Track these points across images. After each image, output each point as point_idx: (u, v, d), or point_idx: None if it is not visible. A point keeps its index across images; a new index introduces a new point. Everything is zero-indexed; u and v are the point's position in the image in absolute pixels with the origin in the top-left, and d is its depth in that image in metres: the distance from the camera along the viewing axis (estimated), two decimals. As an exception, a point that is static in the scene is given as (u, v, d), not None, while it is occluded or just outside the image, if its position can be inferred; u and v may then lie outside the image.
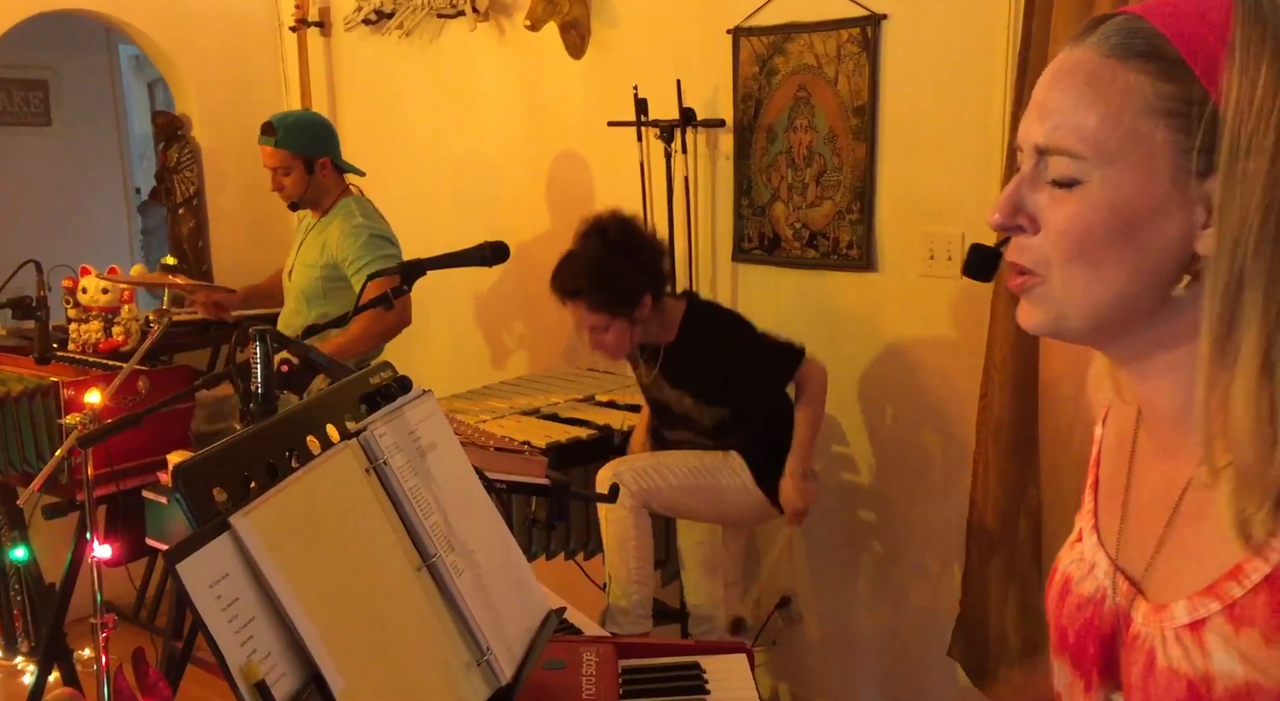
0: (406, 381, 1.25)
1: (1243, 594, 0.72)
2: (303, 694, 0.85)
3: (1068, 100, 0.74)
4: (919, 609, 2.74)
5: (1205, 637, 0.73)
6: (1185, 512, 0.79)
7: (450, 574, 1.09)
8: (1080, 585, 0.87)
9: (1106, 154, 0.72)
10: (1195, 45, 0.70)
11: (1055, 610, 0.89)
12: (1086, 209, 0.73)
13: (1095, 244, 0.73)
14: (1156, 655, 0.76)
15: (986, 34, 2.39)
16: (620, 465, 2.37)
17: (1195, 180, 0.71)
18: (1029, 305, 0.78)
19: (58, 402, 2.64)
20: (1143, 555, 0.82)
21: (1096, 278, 0.74)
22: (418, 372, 1.79)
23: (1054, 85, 0.75)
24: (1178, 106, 0.70)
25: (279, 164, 2.90)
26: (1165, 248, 0.73)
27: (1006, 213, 0.77)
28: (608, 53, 3.14)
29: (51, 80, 5.43)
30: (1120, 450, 0.89)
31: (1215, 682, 0.72)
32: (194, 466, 0.91)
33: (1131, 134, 0.71)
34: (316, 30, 3.92)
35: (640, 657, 1.39)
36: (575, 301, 2.32)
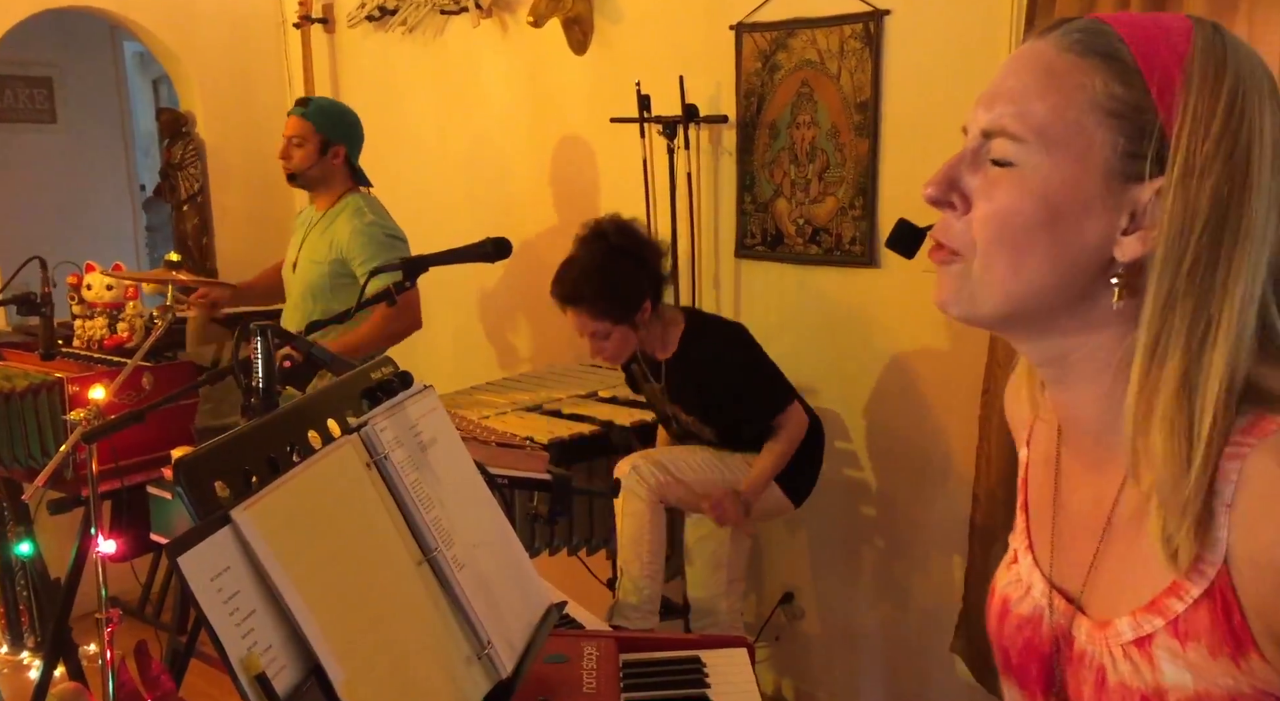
0: (408, 376, 1.25)
1: (1184, 609, 0.73)
2: (303, 686, 0.85)
3: (1021, 85, 0.75)
4: (921, 604, 2.74)
5: (1154, 652, 0.74)
6: (1117, 527, 0.79)
7: (451, 568, 1.09)
8: (1019, 606, 0.88)
9: (1047, 141, 0.73)
10: (1153, 58, 0.72)
11: (996, 631, 0.90)
12: (1018, 193, 0.74)
13: (1019, 230, 0.74)
14: (1107, 672, 0.77)
15: (989, 30, 2.38)
16: (637, 458, 2.38)
17: (1124, 185, 0.73)
18: (945, 280, 0.79)
19: (62, 398, 2.65)
20: (1078, 572, 0.82)
21: (1015, 266, 0.75)
22: (421, 368, 1.80)
23: (1009, 72, 0.77)
24: (1124, 110, 0.72)
25: (297, 133, 2.93)
26: (1085, 246, 0.74)
27: (941, 187, 0.78)
28: (611, 49, 3.14)
29: (56, 77, 5.43)
30: (1045, 469, 0.89)
31: (1168, 695, 0.73)
32: (195, 460, 0.91)
33: (1075, 127, 0.73)
34: (320, 27, 3.92)
35: (641, 652, 1.40)
36: (577, 308, 2.31)
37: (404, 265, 2.11)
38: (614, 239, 2.33)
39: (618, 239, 2.33)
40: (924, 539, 2.70)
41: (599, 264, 2.29)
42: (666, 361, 2.42)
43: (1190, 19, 0.74)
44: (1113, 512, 0.79)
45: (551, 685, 1.24)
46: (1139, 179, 0.72)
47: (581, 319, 2.32)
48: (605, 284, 2.28)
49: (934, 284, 0.80)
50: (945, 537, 2.64)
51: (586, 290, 2.28)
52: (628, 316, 2.31)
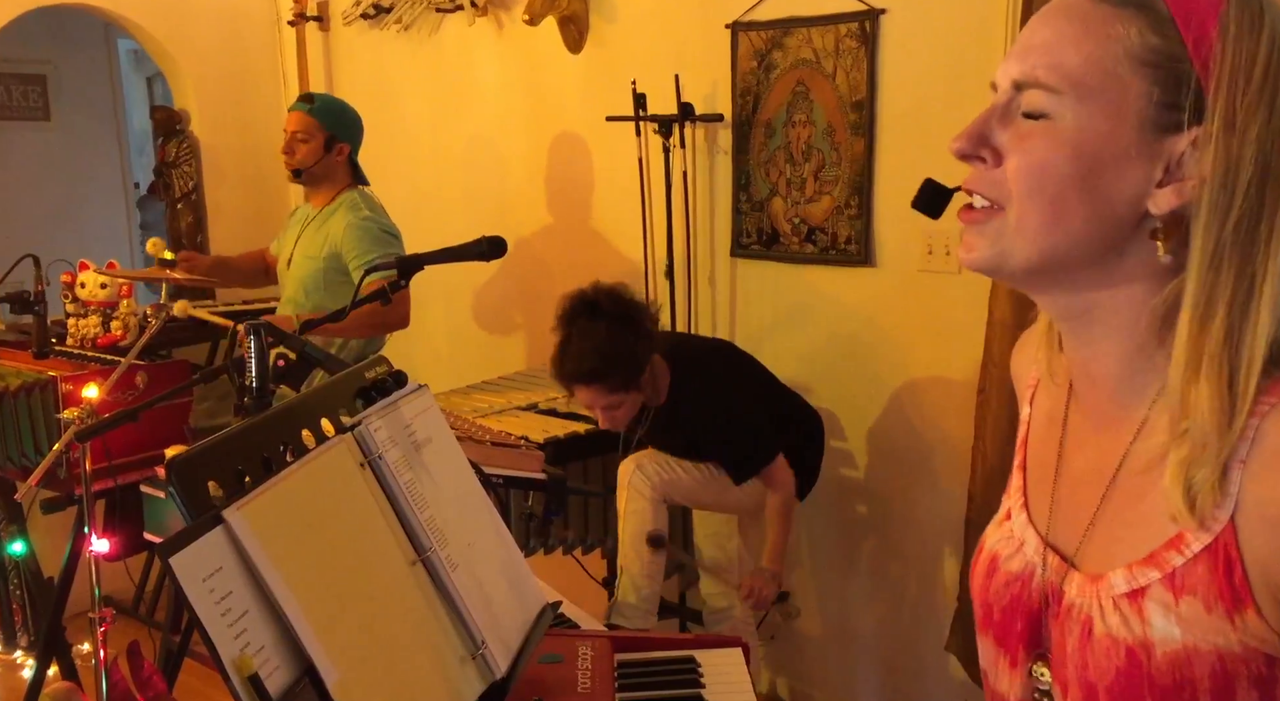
0: (402, 376, 1.25)
1: (1183, 562, 0.73)
2: (296, 687, 0.85)
3: (1054, 36, 0.75)
4: (917, 603, 2.74)
5: (1145, 605, 0.74)
6: (1122, 485, 0.79)
7: (445, 568, 1.09)
8: (1008, 563, 0.88)
9: (1082, 92, 0.73)
10: (1189, 8, 0.71)
11: (981, 587, 0.90)
12: (1052, 145, 0.73)
13: (1055, 181, 0.73)
14: (1094, 623, 0.77)
15: (984, 28, 2.38)
16: (642, 457, 2.38)
17: (1160, 136, 0.72)
18: (975, 238, 0.78)
19: (56, 397, 2.64)
20: (1075, 530, 0.83)
21: (1051, 218, 0.74)
22: (416, 367, 1.80)
23: (1043, 24, 0.76)
24: (1160, 60, 0.71)
25: (302, 129, 2.92)
26: (1120, 199, 0.73)
27: (972, 141, 0.77)
28: (606, 47, 3.13)
29: (50, 75, 5.42)
30: (1050, 428, 0.89)
31: (1154, 648, 0.73)
32: (188, 460, 0.91)
33: (1110, 78, 0.72)
34: (315, 25, 3.91)
35: (636, 651, 1.40)
36: (590, 386, 2.24)
37: (399, 264, 2.10)
38: (609, 310, 2.26)
39: (611, 308, 2.27)
40: (919, 537, 2.71)
41: (602, 340, 2.22)
42: (656, 410, 2.40)
43: None
44: (1119, 470, 0.79)
45: (546, 685, 1.24)
46: (1175, 130, 0.72)
47: (594, 396, 2.26)
48: (616, 360, 2.22)
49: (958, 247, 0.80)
50: (940, 536, 2.64)
51: (600, 366, 2.22)
52: (637, 384, 2.27)
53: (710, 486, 2.40)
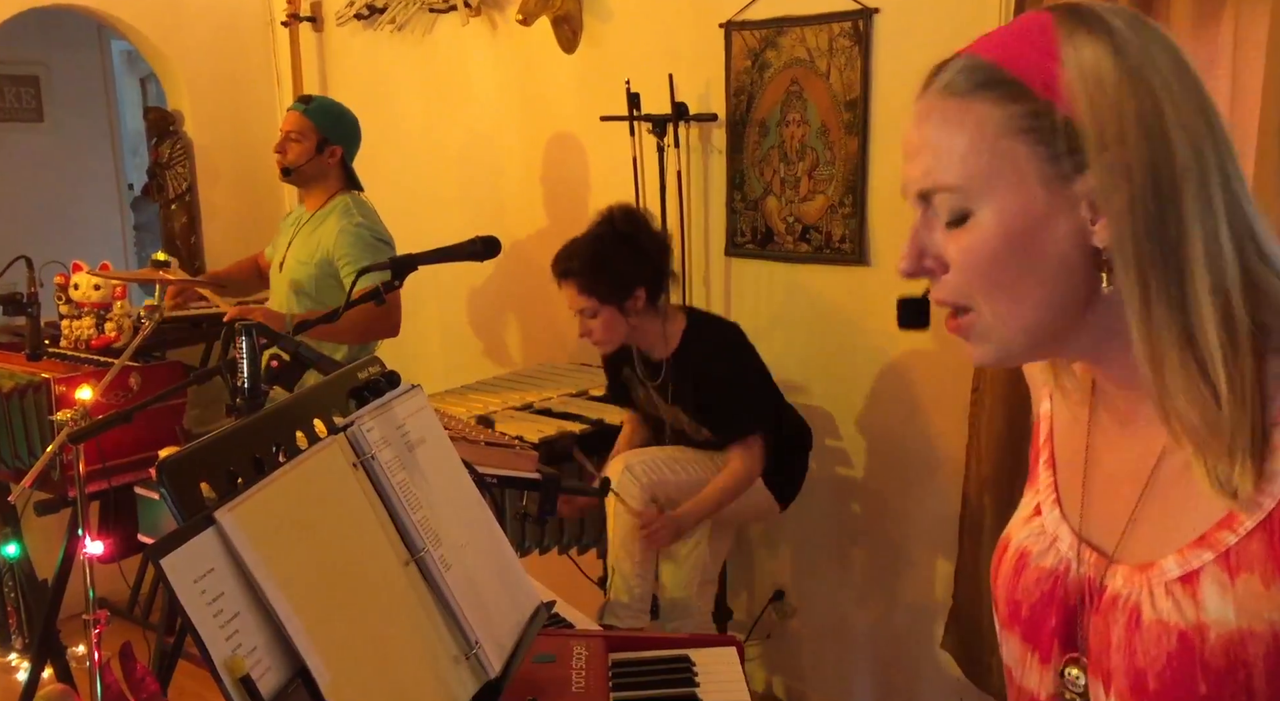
0: (395, 376, 1.25)
1: (1237, 540, 0.73)
2: (289, 688, 0.85)
3: (931, 142, 0.78)
4: (912, 602, 2.74)
5: (1199, 588, 0.74)
6: (1164, 477, 0.80)
7: (438, 568, 1.09)
8: (1040, 559, 0.88)
9: (980, 182, 0.76)
10: (1025, 64, 0.75)
11: (1008, 584, 0.90)
12: (981, 238, 0.76)
13: (1001, 268, 0.76)
14: (1143, 610, 0.77)
15: (977, 28, 2.36)
16: (630, 457, 2.38)
17: (1067, 184, 0.75)
18: (974, 345, 0.81)
19: (49, 399, 2.64)
20: (1112, 526, 0.83)
21: (1017, 300, 0.77)
22: (410, 368, 1.79)
23: (914, 133, 0.79)
24: (1029, 121, 0.74)
25: (296, 129, 2.93)
26: (1066, 252, 0.76)
27: (912, 260, 0.81)
28: (600, 47, 3.13)
29: (43, 76, 5.40)
30: (1075, 425, 0.90)
31: (1208, 631, 0.73)
32: (179, 461, 0.91)
33: (997, 157, 0.75)
34: (308, 25, 3.90)
35: (630, 651, 1.40)
36: (567, 282, 2.34)
37: (392, 264, 2.10)
38: (619, 224, 2.37)
39: (622, 225, 2.38)
40: (914, 536, 2.71)
41: (595, 242, 2.34)
42: (667, 360, 2.41)
43: (1050, 9, 0.77)
44: (1158, 464, 0.80)
45: (540, 684, 1.24)
46: (1078, 170, 0.74)
47: (570, 292, 2.35)
48: (596, 260, 2.31)
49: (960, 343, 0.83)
50: (935, 535, 2.64)
51: (576, 265, 2.33)
52: (615, 298, 2.32)
53: (697, 488, 2.40)
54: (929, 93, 0.79)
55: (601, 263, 2.31)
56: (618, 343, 2.41)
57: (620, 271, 2.32)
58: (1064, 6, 0.76)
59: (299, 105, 2.97)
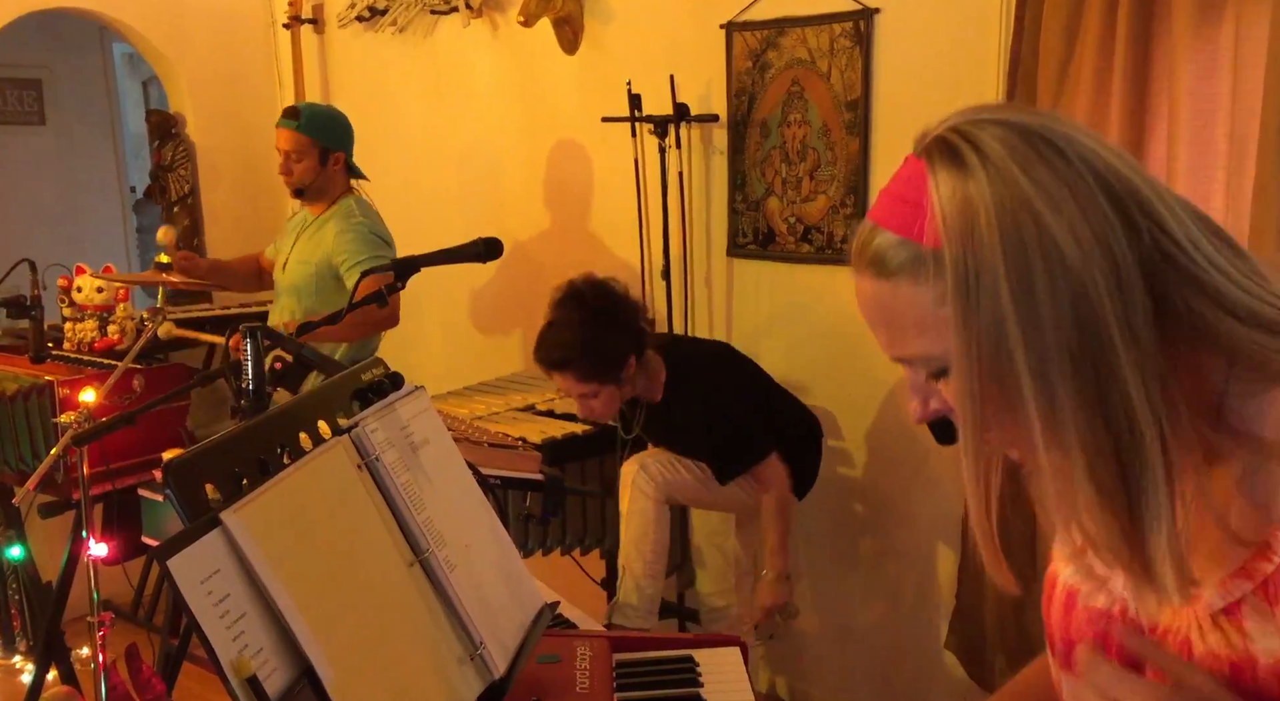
0: (399, 377, 1.25)
1: (1274, 569, 0.73)
2: (295, 688, 0.85)
3: (883, 325, 0.81)
4: (915, 601, 2.74)
5: (1243, 618, 0.74)
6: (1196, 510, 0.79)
7: (443, 569, 1.09)
8: (1090, 599, 0.87)
9: (941, 347, 0.77)
10: (911, 223, 0.76)
11: (1060, 624, 0.89)
12: (967, 385, 0.77)
13: (992, 402, 0.77)
14: (1194, 643, 0.77)
15: (979, 27, 2.39)
16: (645, 456, 2.38)
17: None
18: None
19: (53, 401, 2.65)
20: None
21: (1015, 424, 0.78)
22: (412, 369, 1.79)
23: (868, 317, 0.82)
24: (943, 288, 0.75)
25: (294, 148, 2.89)
26: None
27: (921, 409, 0.84)
28: (601, 48, 3.14)
29: (45, 79, 5.41)
30: None
31: (1258, 661, 0.73)
32: (185, 463, 0.91)
33: (940, 324, 0.76)
34: (310, 27, 3.91)
35: (634, 651, 1.40)
36: (563, 373, 2.30)
37: (395, 266, 2.11)
38: (592, 302, 2.32)
39: (595, 301, 2.32)
40: (916, 536, 2.71)
41: (580, 329, 2.28)
42: (650, 407, 2.42)
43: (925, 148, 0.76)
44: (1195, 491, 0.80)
45: (544, 685, 1.24)
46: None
47: (569, 383, 2.31)
48: (589, 348, 2.27)
49: None
50: (938, 535, 2.64)
51: (572, 355, 2.27)
52: (613, 376, 2.31)
53: (713, 485, 2.41)
54: (860, 268, 0.80)
55: (595, 347, 2.27)
56: (618, 410, 2.41)
57: (611, 351, 2.29)
58: (936, 140, 0.76)
59: (289, 122, 2.91)
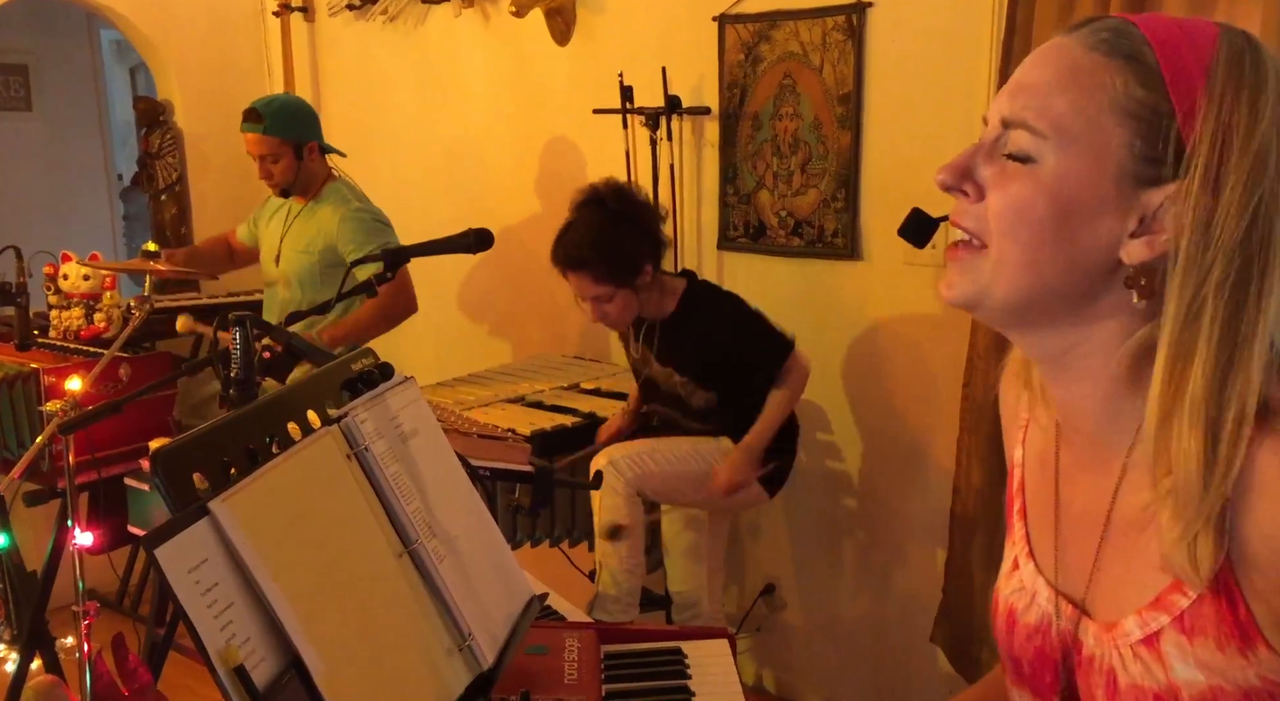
0: (388, 368, 1.24)
1: (1189, 604, 0.73)
2: (282, 678, 0.85)
3: (1044, 80, 0.75)
4: (902, 595, 2.75)
5: (1162, 650, 0.74)
6: (1117, 526, 0.79)
7: (432, 559, 1.09)
8: (1025, 615, 0.87)
9: (1065, 138, 0.73)
10: (1176, 62, 0.72)
11: (1005, 642, 0.89)
12: (1032, 188, 0.74)
13: (1031, 224, 0.74)
14: (1118, 674, 0.77)
15: (971, 22, 2.39)
16: (615, 451, 2.37)
17: (1137, 188, 0.73)
18: (956, 275, 0.79)
19: (38, 389, 2.63)
20: (1081, 574, 0.82)
21: (1028, 260, 0.75)
22: (402, 360, 1.79)
23: (1034, 66, 0.77)
24: (1144, 112, 0.72)
25: (267, 151, 2.84)
26: (1094, 245, 0.74)
27: (956, 174, 0.78)
28: (593, 39, 3.13)
29: (32, 64, 5.37)
30: (1043, 471, 0.89)
31: (1180, 692, 0.73)
32: (173, 451, 0.91)
33: (1093, 125, 0.73)
34: (300, 15, 3.89)
35: (622, 643, 1.40)
36: (579, 272, 2.30)
37: (385, 256, 2.09)
38: (611, 203, 2.34)
39: (615, 203, 2.34)
40: (905, 530, 2.72)
41: (599, 228, 2.30)
42: (662, 321, 2.41)
43: (1219, 25, 0.74)
44: (1111, 511, 0.79)
45: (533, 676, 1.24)
46: (1154, 183, 0.72)
47: (583, 283, 2.31)
48: (606, 248, 2.28)
49: (941, 276, 0.81)
50: (926, 529, 2.65)
51: (588, 254, 2.28)
52: (629, 280, 2.31)
53: (683, 480, 2.40)
54: (1071, 37, 0.76)
55: (611, 248, 2.28)
56: (631, 319, 2.41)
57: (629, 253, 2.29)
58: (1236, 34, 0.73)
59: (254, 127, 2.83)
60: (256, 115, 2.84)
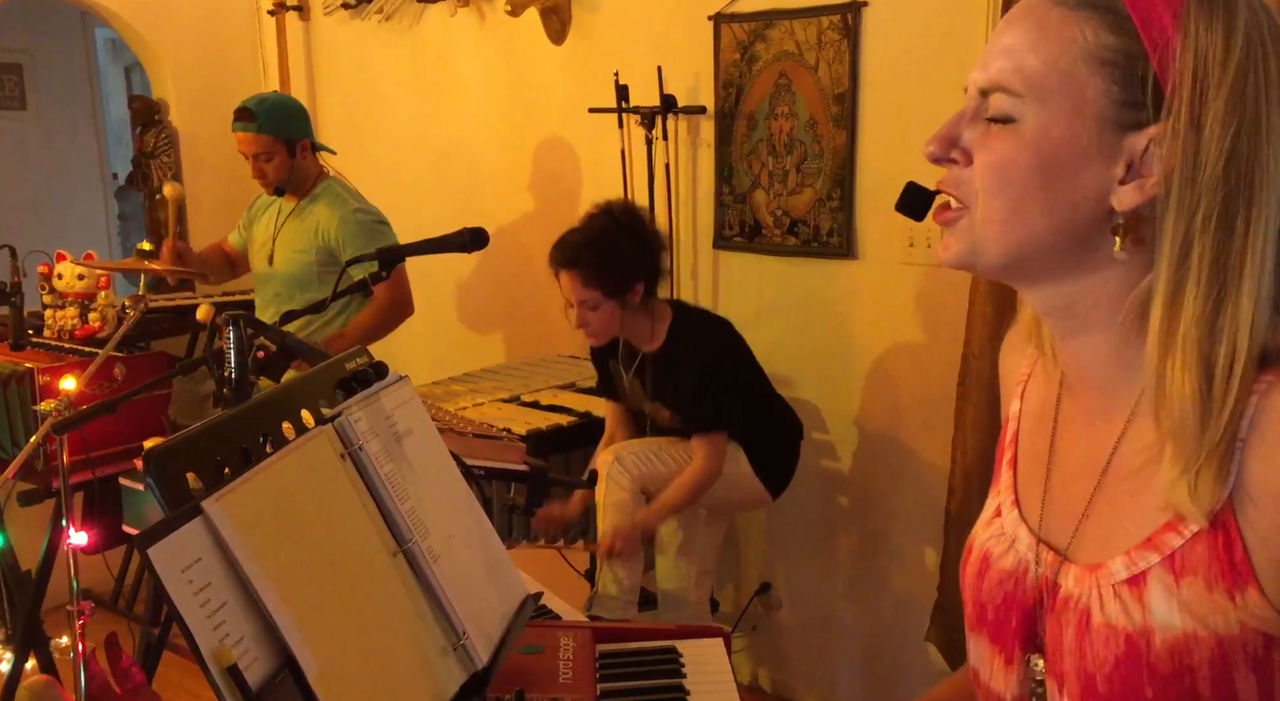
0: (383, 367, 1.24)
1: (1182, 543, 0.73)
2: (276, 678, 0.85)
3: (1015, 41, 0.76)
4: (897, 594, 2.76)
5: (1146, 591, 0.74)
6: (1115, 474, 0.79)
7: (426, 559, 1.08)
8: (1000, 560, 0.87)
9: (1042, 93, 0.74)
10: (1143, 5, 0.72)
11: (974, 586, 0.89)
12: (1015, 145, 0.75)
13: (1017, 180, 0.75)
14: (1092, 613, 0.77)
15: (965, 21, 2.39)
16: (620, 448, 2.38)
17: (1120, 133, 0.73)
18: (950, 238, 0.80)
19: (33, 389, 2.62)
20: (1068, 523, 0.83)
21: (1015, 215, 0.76)
22: (397, 359, 1.79)
23: (1005, 30, 0.77)
24: (1118, 58, 0.72)
25: (261, 150, 2.83)
26: (1082, 196, 0.74)
27: (942, 144, 0.79)
28: (589, 38, 3.13)
29: (26, 63, 5.36)
30: (1041, 422, 0.89)
31: (1154, 636, 0.73)
32: (166, 451, 0.90)
33: (1068, 78, 0.73)
34: (295, 14, 3.88)
35: (617, 642, 1.40)
36: (571, 272, 2.32)
37: (380, 255, 2.09)
38: (620, 218, 2.37)
39: (624, 219, 2.37)
40: (899, 529, 2.72)
41: (600, 233, 2.33)
42: (650, 354, 2.41)
43: None
44: (1111, 459, 0.80)
45: (528, 675, 1.24)
46: (1136, 127, 0.73)
47: (573, 284, 2.32)
48: (601, 253, 2.30)
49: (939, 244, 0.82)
50: (920, 528, 2.65)
51: (583, 255, 2.30)
52: (618, 292, 2.31)
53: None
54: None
55: (608, 255, 2.30)
56: (611, 335, 2.41)
57: (624, 265, 2.31)
58: None
59: (247, 126, 2.82)
60: (249, 114, 2.83)
